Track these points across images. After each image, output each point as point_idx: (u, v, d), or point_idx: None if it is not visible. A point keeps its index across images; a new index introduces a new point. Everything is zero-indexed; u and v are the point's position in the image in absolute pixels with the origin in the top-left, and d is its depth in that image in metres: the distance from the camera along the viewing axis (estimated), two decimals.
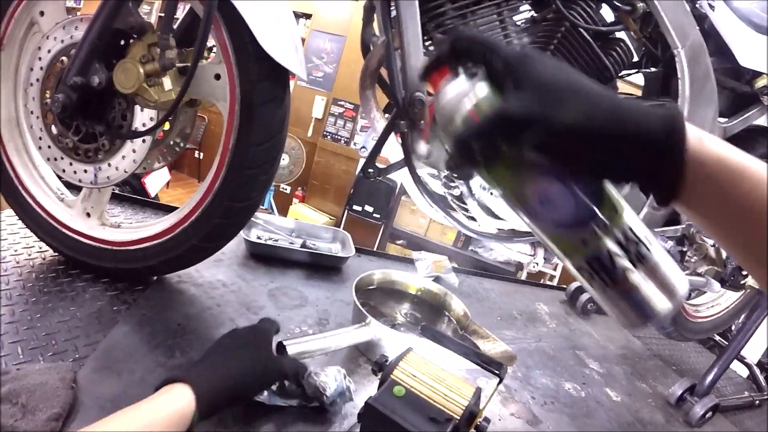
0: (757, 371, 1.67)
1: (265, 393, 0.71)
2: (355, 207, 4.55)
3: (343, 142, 4.91)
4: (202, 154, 5.48)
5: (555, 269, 4.09)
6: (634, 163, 0.39)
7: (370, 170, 0.84)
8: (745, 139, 1.11)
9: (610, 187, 0.43)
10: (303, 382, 0.73)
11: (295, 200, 5.09)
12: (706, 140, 0.37)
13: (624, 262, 0.42)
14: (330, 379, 0.75)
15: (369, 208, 4.49)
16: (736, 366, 1.65)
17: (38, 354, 0.74)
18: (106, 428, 0.52)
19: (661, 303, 0.43)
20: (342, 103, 4.86)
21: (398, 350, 0.73)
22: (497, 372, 0.65)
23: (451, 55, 0.45)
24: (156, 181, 3.26)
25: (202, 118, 5.34)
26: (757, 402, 1.49)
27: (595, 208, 0.42)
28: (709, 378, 1.27)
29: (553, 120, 0.38)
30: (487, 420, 0.66)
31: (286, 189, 5.13)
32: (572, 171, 0.42)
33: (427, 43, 0.89)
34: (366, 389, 0.87)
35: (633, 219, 0.43)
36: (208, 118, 5.34)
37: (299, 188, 5.12)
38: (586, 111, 0.38)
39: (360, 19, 1.04)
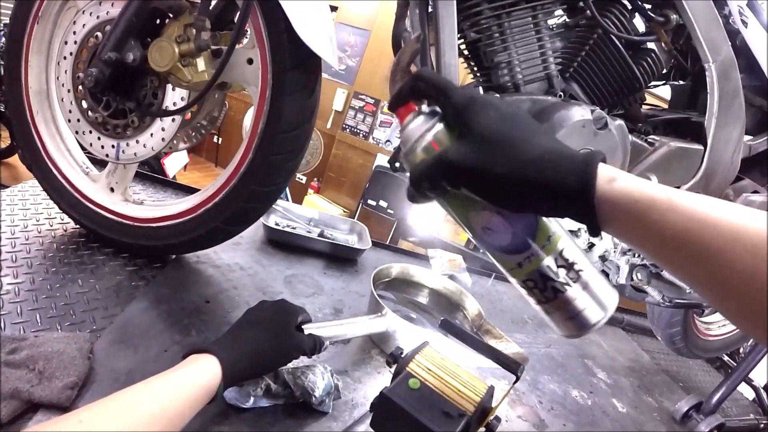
0: (764, 394, 1.65)
1: (251, 398, 0.70)
2: (370, 201, 4.55)
3: (361, 135, 4.91)
4: (220, 139, 5.50)
5: None
6: (555, 204, 0.45)
7: (398, 163, 0.85)
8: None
9: (543, 218, 0.49)
10: (290, 382, 0.72)
11: (310, 191, 5.10)
12: (619, 180, 0.42)
13: (556, 281, 0.48)
14: (318, 378, 0.75)
15: (383, 203, 4.49)
16: (742, 388, 1.63)
17: (56, 323, 0.75)
18: (136, 393, 0.52)
19: (593, 315, 0.49)
20: (363, 97, 4.85)
21: (412, 343, 0.73)
22: (515, 371, 0.65)
23: (412, 93, 0.51)
24: (175, 163, 3.28)
25: (223, 104, 5.34)
26: (762, 425, 1.47)
27: (529, 239, 0.49)
28: (716, 397, 1.26)
29: (485, 171, 0.45)
30: (497, 419, 0.67)
31: (302, 179, 5.15)
32: (505, 208, 0.48)
33: (459, 41, 0.89)
34: (376, 380, 0.88)
35: (567, 244, 0.49)
36: (229, 104, 5.34)
37: (315, 179, 5.13)
38: (512, 163, 0.44)
39: (385, 15, 1.04)
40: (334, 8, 4.93)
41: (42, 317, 0.75)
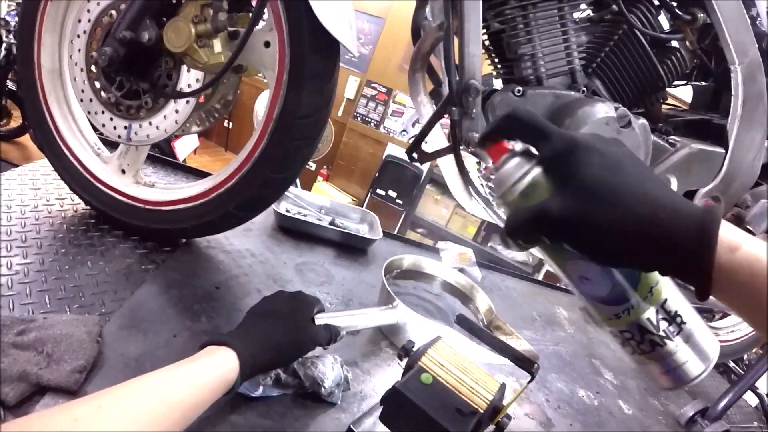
0: None
1: (261, 387, 0.69)
2: (378, 191, 4.54)
3: (372, 124, 4.89)
4: (231, 123, 5.50)
5: None
6: (666, 269, 0.42)
7: (415, 154, 0.83)
8: None
9: None
10: (300, 373, 0.72)
11: (319, 178, 5.10)
12: (742, 250, 0.39)
13: (656, 334, 0.46)
14: (328, 368, 0.74)
15: (392, 194, 4.48)
16: (746, 395, 1.62)
17: (65, 305, 0.74)
18: (155, 381, 0.52)
19: (694, 368, 0.46)
20: (375, 85, 4.83)
21: (423, 336, 0.73)
22: (530, 370, 0.64)
23: (506, 131, 0.48)
24: (185, 146, 3.28)
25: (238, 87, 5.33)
26: None
27: (630, 290, 0.46)
28: (723, 403, 1.25)
29: (589, 228, 0.41)
30: (508, 417, 0.66)
31: (311, 166, 5.14)
32: (609, 266, 0.46)
33: (482, 31, 0.87)
34: (386, 372, 0.87)
35: (671, 293, 0.46)
36: (241, 89, 5.32)
37: (324, 167, 5.13)
38: (621, 220, 0.40)
39: (401, 3, 1.02)
40: None
41: (51, 299, 0.75)
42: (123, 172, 1.00)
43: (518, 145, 0.48)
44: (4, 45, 3.57)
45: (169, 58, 0.86)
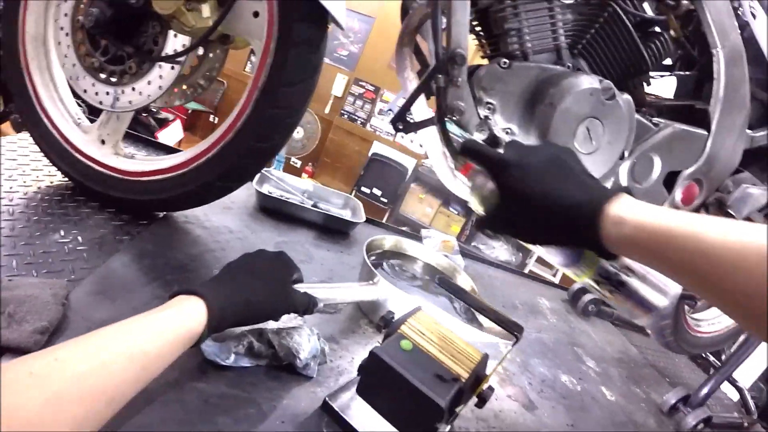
0: (748, 395, 1.65)
1: (232, 355, 0.66)
2: (363, 188, 4.54)
3: (359, 122, 4.89)
4: (217, 119, 5.44)
5: (555, 275, 4.09)
6: (572, 243, 0.59)
7: (400, 124, 0.82)
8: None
9: None
10: (275, 342, 0.69)
11: (304, 175, 5.07)
12: (626, 224, 0.50)
13: (616, 277, 0.59)
14: (304, 339, 0.71)
15: (377, 191, 4.48)
16: (727, 389, 1.64)
17: (33, 270, 0.72)
18: (115, 332, 0.49)
19: (656, 299, 0.59)
20: (363, 83, 4.83)
21: (403, 312, 0.71)
22: (515, 332, 0.63)
23: (463, 157, 0.65)
24: (170, 137, 3.23)
25: (221, 82, 5.30)
26: (746, 424, 1.47)
27: (578, 254, 0.61)
28: (704, 390, 1.26)
29: (514, 225, 0.61)
30: (491, 389, 0.65)
31: (296, 163, 5.10)
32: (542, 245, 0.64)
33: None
34: (365, 349, 0.85)
35: None
36: (227, 84, 5.31)
37: (309, 163, 5.10)
38: (531, 218, 0.58)
39: (390, 3, 1.02)
40: None
41: (18, 263, 0.72)
42: (103, 142, 0.98)
43: (478, 167, 0.63)
44: None
45: (156, 23, 0.85)
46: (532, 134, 0.84)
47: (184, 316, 0.55)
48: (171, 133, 3.24)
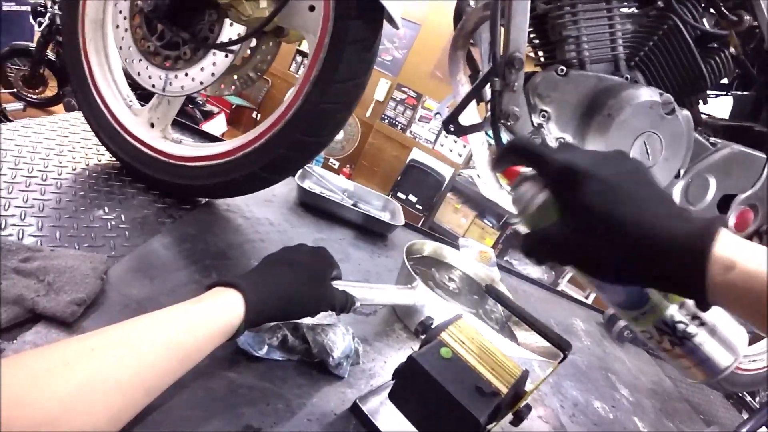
0: None
1: (265, 347, 0.65)
2: (399, 194, 4.53)
3: (399, 128, 4.89)
4: (259, 115, 5.53)
5: (587, 297, 3.99)
6: (661, 286, 0.45)
7: (452, 126, 0.81)
8: None
9: None
10: (309, 338, 0.67)
11: (341, 176, 5.09)
12: (737, 269, 0.39)
13: (678, 331, 0.48)
14: (338, 338, 0.69)
15: (413, 198, 4.47)
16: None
17: (75, 243, 0.72)
18: (152, 322, 0.49)
19: (722, 360, 0.48)
20: (405, 89, 4.83)
21: (440, 320, 0.69)
22: (563, 349, 0.60)
23: (510, 161, 0.52)
24: (213, 129, 3.30)
25: (266, 80, 5.38)
26: None
27: (647, 294, 0.48)
28: (744, 431, 1.19)
29: (587, 254, 0.44)
30: (528, 407, 0.62)
31: (335, 164, 5.13)
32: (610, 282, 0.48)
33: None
34: (398, 354, 0.83)
35: None
36: (271, 82, 5.39)
37: (348, 165, 5.12)
38: (614, 245, 0.42)
39: (436, 11, 1.01)
40: None
41: (62, 235, 0.73)
42: (152, 125, 0.99)
43: (528, 170, 0.50)
44: (48, 15, 3.63)
45: (213, 11, 0.85)
46: (587, 146, 0.81)
47: (222, 309, 0.54)
48: (215, 126, 3.31)
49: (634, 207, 0.43)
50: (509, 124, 0.76)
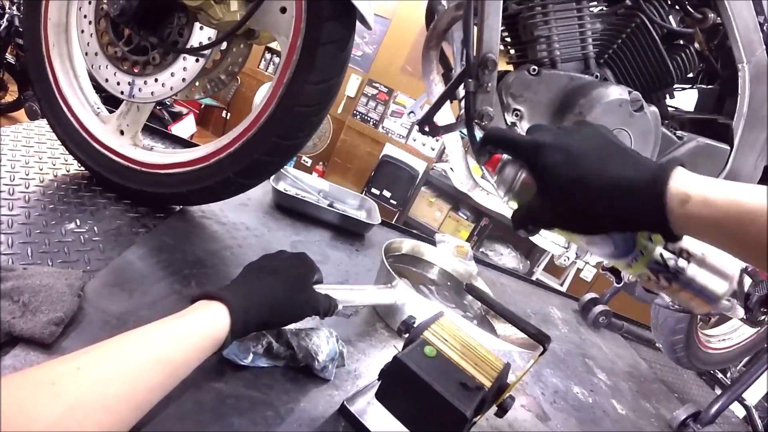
0: (755, 413, 1.63)
1: (250, 355, 0.65)
2: (373, 190, 4.52)
3: (371, 123, 4.87)
4: (229, 114, 5.45)
5: (562, 284, 4.08)
6: (635, 230, 0.52)
7: (427, 127, 0.81)
8: None
9: None
10: (293, 344, 0.68)
11: (314, 174, 5.04)
12: (691, 202, 0.44)
13: (670, 268, 0.52)
14: (323, 341, 0.70)
15: (387, 194, 4.47)
16: (734, 406, 1.62)
17: (48, 259, 0.71)
18: (139, 338, 0.49)
19: (716, 286, 0.51)
20: (377, 85, 4.81)
21: (422, 317, 0.70)
22: (542, 342, 0.62)
23: (491, 147, 0.57)
24: (182, 131, 3.25)
25: (236, 79, 5.29)
26: None
27: (632, 242, 0.53)
28: (715, 408, 1.24)
29: (566, 215, 0.51)
30: (512, 398, 0.63)
31: (307, 162, 5.10)
32: (590, 234, 0.54)
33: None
34: (381, 353, 0.84)
35: None
36: (241, 80, 5.31)
37: (320, 163, 5.09)
38: (586, 201, 0.49)
39: (406, 5, 1.02)
40: None
41: (33, 251, 0.71)
42: (122, 133, 0.98)
43: (506, 156, 0.57)
44: (6, 16, 3.51)
45: (182, 14, 0.84)
46: None
47: (208, 322, 0.54)
48: (184, 127, 3.25)
49: (595, 163, 0.49)
50: (483, 124, 0.77)
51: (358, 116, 4.91)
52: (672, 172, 0.46)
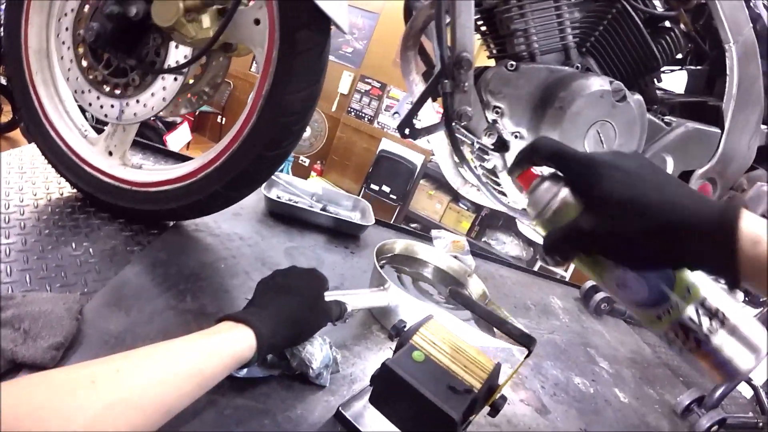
0: (762, 393, 1.62)
1: (245, 367, 0.65)
2: (372, 186, 4.54)
3: (366, 119, 4.88)
4: (224, 119, 5.46)
5: (566, 270, 4.05)
6: (695, 268, 0.45)
7: (407, 130, 0.81)
8: None
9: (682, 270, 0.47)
10: (287, 353, 0.70)
11: (313, 173, 5.07)
12: (765, 242, 0.40)
13: (699, 332, 0.46)
14: (316, 349, 0.71)
15: (386, 189, 4.47)
16: (741, 386, 1.61)
17: (46, 284, 0.72)
18: (175, 349, 0.53)
19: (743, 362, 0.46)
20: (369, 80, 4.81)
21: (415, 318, 0.71)
22: (527, 345, 0.62)
23: (530, 160, 0.52)
24: (178, 140, 3.25)
25: (228, 83, 5.31)
26: (761, 424, 1.45)
27: (667, 291, 0.47)
28: (719, 392, 1.23)
29: (616, 238, 0.45)
30: (503, 398, 0.64)
31: (305, 161, 5.11)
32: (642, 271, 0.47)
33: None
34: (377, 356, 0.85)
35: (709, 290, 0.46)
36: (233, 84, 5.32)
37: (318, 162, 5.10)
38: (645, 229, 0.43)
39: None
40: None
41: (32, 278, 0.72)
42: (110, 153, 0.98)
43: (546, 171, 0.52)
44: None
45: (157, 34, 0.84)
46: None
47: (236, 342, 0.58)
48: (179, 136, 3.25)
49: (658, 192, 0.44)
50: (463, 123, 0.77)
51: (353, 113, 4.91)
52: (740, 211, 0.42)
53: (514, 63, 0.81)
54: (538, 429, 0.86)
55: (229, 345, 0.57)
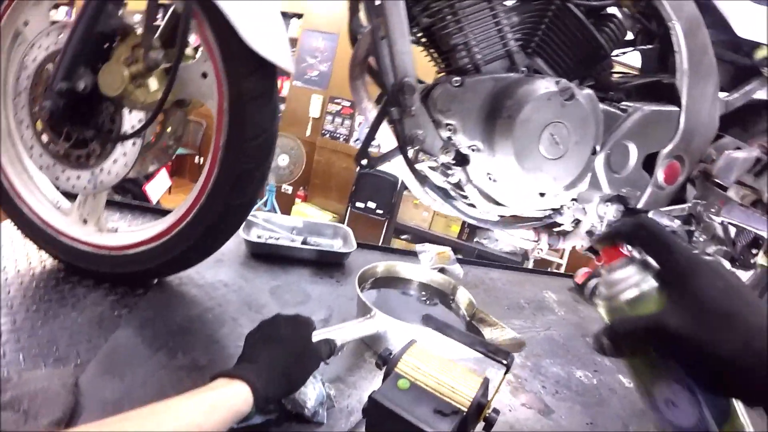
0: None
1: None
2: (357, 204, 4.55)
3: (342, 139, 4.92)
4: (202, 158, 5.48)
5: (561, 257, 4.07)
6: None
7: (363, 161, 0.82)
8: (746, 113, 1.08)
9: (738, 405, 0.44)
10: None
11: (297, 200, 5.09)
12: None
13: None
14: (309, 388, 0.72)
15: (372, 204, 4.49)
16: None
17: (40, 361, 0.73)
18: (176, 404, 0.54)
19: None
20: (339, 100, 4.86)
21: (404, 342, 0.71)
22: (504, 361, 0.63)
23: (628, 238, 0.49)
24: (157, 188, 3.25)
25: (200, 123, 5.34)
26: None
27: (715, 427, 0.43)
28: None
29: (705, 348, 0.40)
30: (496, 411, 0.64)
31: (288, 189, 5.13)
32: (713, 392, 0.43)
33: (414, 29, 0.87)
34: (371, 384, 0.86)
35: None
36: (206, 123, 5.35)
37: (301, 188, 5.12)
38: (739, 348, 0.39)
39: None
40: (299, 15, 4.93)
41: (26, 356, 0.74)
42: (85, 221, 0.99)
43: (637, 254, 0.48)
44: None
45: (108, 103, 0.86)
46: (497, 150, 0.83)
47: (233, 397, 0.59)
48: (158, 184, 3.25)
49: (758, 313, 0.41)
50: (416, 148, 0.79)
51: (328, 134, 4.96)
52: None
53: (458, 79, 0.82)
54: (543, 431, 0.87)
55: (227, 400, 0.58)
